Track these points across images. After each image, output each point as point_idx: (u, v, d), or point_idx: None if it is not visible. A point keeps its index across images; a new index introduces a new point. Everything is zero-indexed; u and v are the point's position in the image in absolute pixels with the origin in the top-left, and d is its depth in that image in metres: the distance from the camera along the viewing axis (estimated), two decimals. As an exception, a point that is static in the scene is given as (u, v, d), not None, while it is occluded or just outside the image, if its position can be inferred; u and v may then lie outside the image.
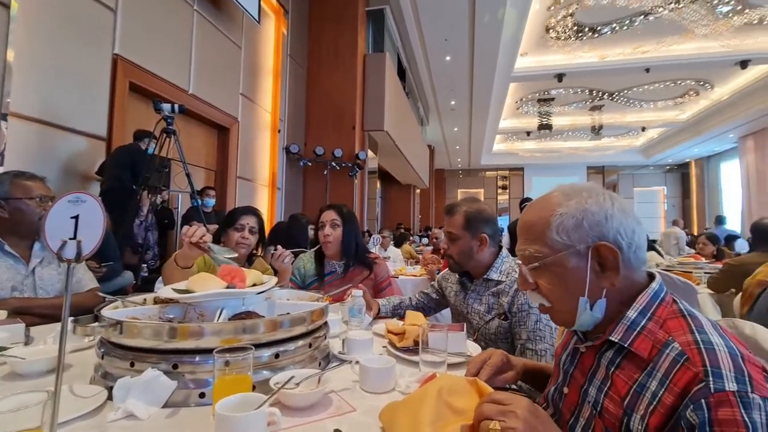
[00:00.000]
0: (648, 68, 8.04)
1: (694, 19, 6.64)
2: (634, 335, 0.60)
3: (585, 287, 0.64)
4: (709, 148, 13.20)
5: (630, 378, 0.59)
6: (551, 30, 7.21)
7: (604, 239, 0.63)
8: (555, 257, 0.65)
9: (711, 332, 0.56)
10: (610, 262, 0.63)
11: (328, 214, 1.81)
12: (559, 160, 15.69)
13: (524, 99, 10.39)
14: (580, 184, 0.69)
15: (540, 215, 0.68)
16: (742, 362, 0.51)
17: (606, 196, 0.67)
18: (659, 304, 0.62)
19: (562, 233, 0.64)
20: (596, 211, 0.64)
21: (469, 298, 1.30)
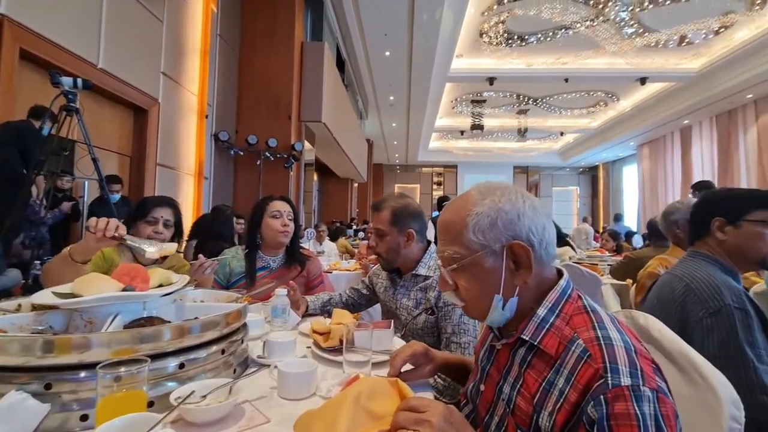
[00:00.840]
0: (567, 78, 8.79)
1: (606, 37, 7.39)
2: (543, 333, 0.62)
3: (500, 286, 0.64)
4: (614, 153, 14.90)
5: (539, 375, 0.60)
6: (484, 35, 7.56)
7: (517, 238, 0.64)
8: (472, 258, 0.65)
9: (610, 327, 0.58)
10: (523, 261, 0.64)
11: (284, 205, 1.75)
12: (489, 159, 16.64)
13: (459, 99, 10.81)
14: (495, 183, 0.70)
15: (457, 215, 0.67)
16: (636, 356, 0.54)
17: (518, 194, 0.68)
18: (566, 301, 0.64)
19: (478, 233, 0.65)
20: (509, 209, 0.65)
21: (398, 294, 1.30)
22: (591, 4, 6.45)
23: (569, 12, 6.67)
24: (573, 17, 6.80)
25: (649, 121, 11.00)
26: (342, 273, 2.98)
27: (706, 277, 1.00)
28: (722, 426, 0.58)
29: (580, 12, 6.65)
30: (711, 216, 1.10)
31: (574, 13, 6.68)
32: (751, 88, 8.53)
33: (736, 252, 1.07)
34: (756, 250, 1.07)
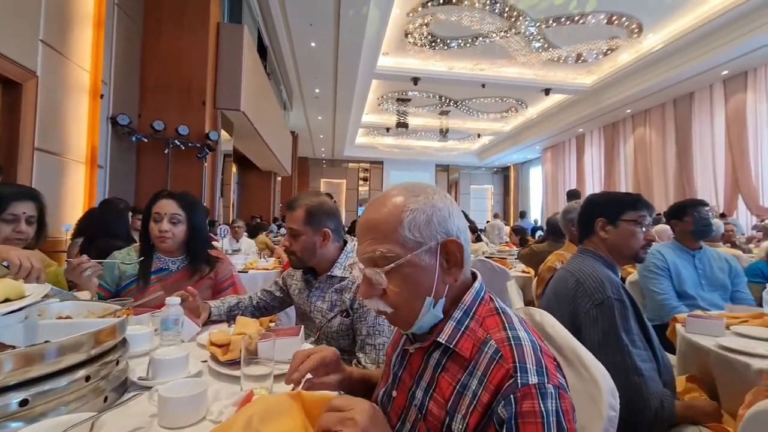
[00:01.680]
0: (484, 84, 9.39)
1: (517, 48, 8.03)
2: (459, 335, 0.61)
3: (433, 286, 0.63)
4: (523, 155, 16.38)
5: (453, 378, 0.59)
6: (409, 35, 7.73)
7: (450, 235, 0.64)
8: (410, 256, 0.61)
9: (518, 327, 0.60)
10: (456, 258, 0.63)
11: (166, 205, 1.47)
12: (413, 157, 17.19)
13: (385, 96, 10.95)
14: (418, 183, 0.68)
15: (389, 212, 0.64)
16: (541, 354, 0.56)
17: (444, 193, 0.68)
18: (480, 303, 0.65)
19: (414, 230, 0.62)
20: (442, 207, 0.65)
21: (313, 296, 1.24)
22: (505, 17, 6.95)
23: (486, 21, 7.11)
24: (489, 27, 7.26)
25: (551, 128, 12.27)
26: (259, 272, 2.80)
27: (592, 272, 1.12)
28: (602, 414, 0.64)
29: (496, 23, 7.13)
30: (595, 217, 1.23)
31: (491, 23, 7.14)
32: (629, 105, 9.97)
33: (615, 248, 1.21)
34: (629, 247, 1.22)
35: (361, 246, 0.66)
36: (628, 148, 11.10)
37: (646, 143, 10.39)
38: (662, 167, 9.98)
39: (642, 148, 10.52)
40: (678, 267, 2.09)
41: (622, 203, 1.25)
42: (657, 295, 2.06)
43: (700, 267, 2.08)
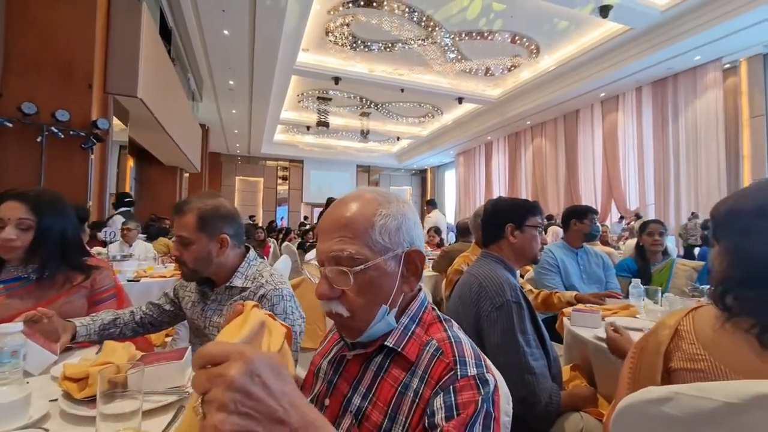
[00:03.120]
0: (403, 89, 9.68)
1: (433, 57, 8.42)
2: (406, 340, 0.62)
3: (392, 293, 0.63)
4: (439, 159, 17.28)
5: (396, 381, 0.60)
6: (330, 34, 7.63)
7: (414, 244, 0.64)
8: (377, 261, 0.60)
9: (458, 331, 0.64)
10: (415, 268, 0.64)
11: (12, 209, 1.18)
12: (334, 157, 17.06)
13: (305, 94, 10.68)
14: (385, 191, 0.68)
15: (361, 213, 0.62)
16: (479, 353, 0.61)
17: (410, 204, 0.68)
18: (424, 311, 0.67)
19: (384, 235, 0.62)
20: (411, 216, 0.65)
21: (209, 310, 1.11)
22: (422, 26, 7.23)
23: (405, 28, 7.32)
24: (408, 34, 7.50)
25: (464, 134, 13.13)
26: (155, 281, 2.48)
27: (494, 276, 1.18)
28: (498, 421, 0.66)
29: (414, 30, 7.38)
30: (505, 222, 1.31)
31: (409, 30, 7.38)
32: (529, 117, 11.10)
33: (521, 252, 1.31)
34: (532, 250, 1.33)
35: (327, 243, 0.62)
36: (528, 156, 12.36)
37: (542, 152, 11.67)
38: (555, 174, 11.30)
39: (539, 156, 11.80)
40: (565, 264, 2.35)
41: (526, 209, 1.35)
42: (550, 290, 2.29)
43: (582, 263, 2.37)
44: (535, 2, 6.21)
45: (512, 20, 7.00)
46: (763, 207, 0.67)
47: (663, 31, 6.83)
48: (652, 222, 2.45)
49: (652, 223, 2.44)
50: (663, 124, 8.48)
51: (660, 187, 8.57)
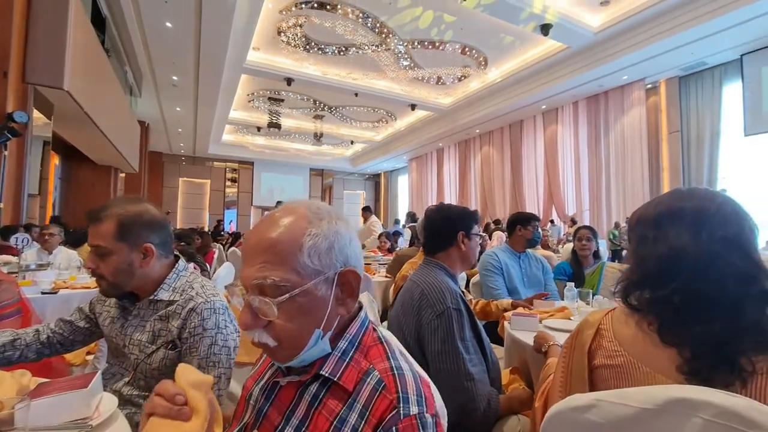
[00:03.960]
0: (357, 93, 9.68)
1: (387, 63, 8.51)
2: (344, 367, 0.57)
3: (324, 318, 0.58)
4: (392, 164, 17.48)
5: (331, 414, 0.55)
6: (282, 33, 7.45)
7: (348, 263, 0.60)
8: (306, 286, 0.55)
9: (399, 357, 0.59)
10: (351, 288, 0.60)
11: None
12: (287, 160, 16.66)
13: (256, 94, 10.34)
14: (319, 205, 0.62)
15: (288, 234, 0.56)
16: (420, 384, 0.56)
17: (345, 219, 0.63)
18: (364, 332, 0.62)
19: (314, 257, 0.56)
20: (344, 234, 0.60)
21: (129, 326, 1.00)
22: (376, 32, 7.28)
23: (359, 33, 7.33)
24: (362, 39, 7.52)
25: (416, 140, 13.39)
26: (76, 292, 2.23)
27: (436, 283, 1.19)
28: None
29: (368, 36, 7.42)
30: (457, 230, 1.33)
31: (363, 35, 7.40)
32: (478, 126, 11.57)
33: (466, 258, 1.34)
34: (475, 256, 1.38)
35: (250, 269, 0.56)
36: (477, 163, 12.86)
37: (490, 159, 12.20)
38: (501, 180, 11.86)
39: (487, 163, 12.32)
40: (508, 267, 2.45)
41: (472, 218, 1.40)
42: (493, 291, 2.37)
43: (524, 267, 2.49)
44: (483, 17, 6.49)
45: (462, 32, 7.26)
46: (659, 216, 0.72)
47: (595, 51, 7.43)
48: (582, 228, 2.63)
49: (581, 229, 2.62)
50: (596, 136, 9.21)
51: (594, 194, 9.28)
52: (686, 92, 8.23)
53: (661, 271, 0.69)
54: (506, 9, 6.19)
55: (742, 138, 7.54)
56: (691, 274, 0.66)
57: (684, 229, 0.69)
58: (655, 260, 0.70)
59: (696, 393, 0.50)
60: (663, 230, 0.71)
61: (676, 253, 0.68)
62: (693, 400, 0.49)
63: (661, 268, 0.69)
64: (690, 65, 7.73)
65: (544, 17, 6.40)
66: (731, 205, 0.70)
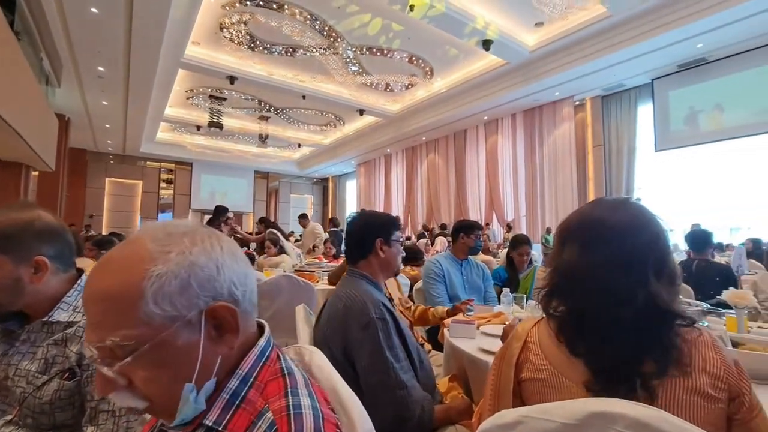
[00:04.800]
0: (304, 96, 9.49)
1: (335, 67, 8.45)
2: (232, 412, 0.49)
3: (196, 366, 0.48)
4: (341, 169, 17.37)
5: None
6: (225, 30, 7.11)
7: (219, 297, 0.50)
8: (159, 338, 0.46)
9: (302, 392, 0.53)
10: (229, 324, 0.51)
11: None
12: (229, 161, 15.89)
13: (196, 91, 9.76)
14: (174, 226, 0.52)
15: (123, 281, 0.47)
16: (322, 424, 0.50)
17: (213, 239, 0.53)
18: (264, 364, 0.54)
19: (163, 302, 0.47)
20: (206, 262, 0.50)
21: (16, 354, 0.85)
22: (325, 35, 7.20)
23: (307, 36, 7.21)
24: (310, 41, 7.39)
25: (364, 145, 13.43)
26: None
27: (357, 295, 1.16)
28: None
29: (316, 39, 7.31)
30: (375, 237, 1.30)
31: (311, 38, 7.28)
32: (424, 133, 11.86)
33: (387, 266, 1.32)
34: (396, 263, 1.37)
35: (87, 329, 0.48)
36: (423, 170, 13.17)
37: (436, 166, 12.56)
38: (446, 187, 12.25)
39: (433, 170, 12.67)
40: (450, 274, 2.50)
41: (392, 224, 1.38)
42: (434, 298, 2.41)
43: (465, 274, 2.55)
44: (430, 28, 6.68)
45: (410, 42, 7.41)
46: (563, 229, 0.74)
47: (531, 68, 7.97)
48: (523, 243, 2.75)
49: (523, 245, 2.74)
50: (532, 147, 9.85)
51: (530, 201, 9.89)
52: (608, 110, 9.09)
53: (562, 284, 0.70)
54: (451, 23, 6.43)
55: (653, 153, 8.47)
56: (581, 291, 0.67)
57: (578, 245, 0.70)
58: (558, 273, 0.72)
59: (612, 406, 0.51)
60: (564, 244, 0.73)
61: (570, 268, 0.69)
62: (609, 413, 0.50)
63: (561, 282, 0.71)
64: (610, 86, 8.56)
65: (485, 33, 6.73)
66: (631, 215, 0.69)
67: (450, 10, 6.14)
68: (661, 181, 8.68)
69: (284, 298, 2.38)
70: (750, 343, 1.15)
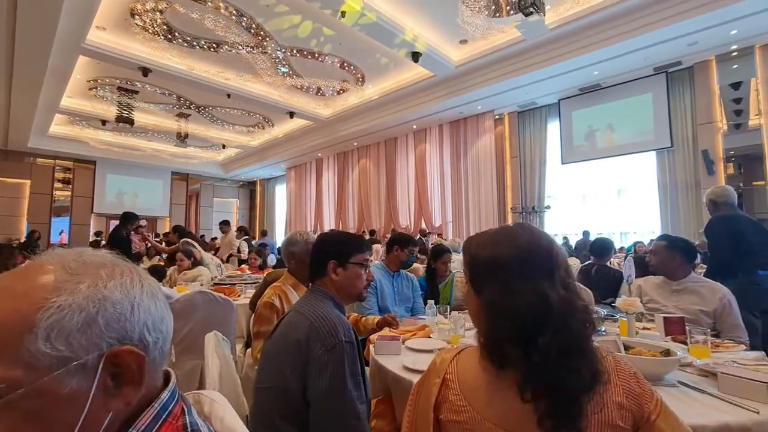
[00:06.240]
0: (229, 94, 8.97)
1: (264, 67, 8.12)
2: None
3: (77, 424, 0.40)
4: (269, 172, 16.72)
5: None
6: (138, 17, 6.46)
7: (127, 340, 0.44)
8: (39, 384, 0.38)
9: None
10: (131, 373, 0.44)
11: None
12: (142, 161, 14.41)
13: (101, 81, 8.70)
14: (95, 255, 0.45)
15: (12, 308, 0.39)
16: None
17: (135, 275, 0.46)
18: (165, 422, 0.47)
19: (57, 340, 0.39)
20: (119, 300, 0.44)
21: None
22: (252, 33, 6.89)
23: (232, 31, 6.83)
24: (236, 38, 7.01)
25: (295, 149, 13.10)
26: None
27: (325, 315, 1.10)
28: None
29: (242, 36, 6.96)
30: (328, 259, 1.25)
31: (237, 34, 6.91)
32: (356, 139, 11.91)
33: (343, 290, 1.25)
34: (356, 288, 1.27)
35: None
36: (354, 175, 13.20)
37: (367, 172, 12.68)
38: (377, 193, 12.42)
39: (364, 176, 12.76)
40: (383, 286, 2.52)
41: (352, 246, 1.29)
42: (365, 310, 2.40)
43: (397, 286, 2.59)
44: (361, 36, 6.74)
45: (341, 47, 7.40)
46: (521, 262, 0.69)
47: (456, 82, 8.44)
48: (444, 252, 2.85)
49: (444, 253, 2.84)
50: (457, 156, 10.41)
51: (456, 208, 10.43)
52: (523, 125, 9.96)
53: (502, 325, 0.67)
54: (381, 32, 6.56)
55: (560, 165, 9.46)
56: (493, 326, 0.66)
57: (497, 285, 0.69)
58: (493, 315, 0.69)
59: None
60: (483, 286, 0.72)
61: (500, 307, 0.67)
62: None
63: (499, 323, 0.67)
64: (525, 103, 9.40)
65: (414, 45, 6.98)
66: (528, 243, 0.69)
67: (381, 20, 6.26)
68: (568, 191, 9.75)
69: (199, 316, 2.18)
70: (638, 347, 1.31)
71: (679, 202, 7.83)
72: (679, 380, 1.20)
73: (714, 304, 1.93)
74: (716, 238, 2.62)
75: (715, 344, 1.52)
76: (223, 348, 1.21)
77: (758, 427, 0.94)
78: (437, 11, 6.40)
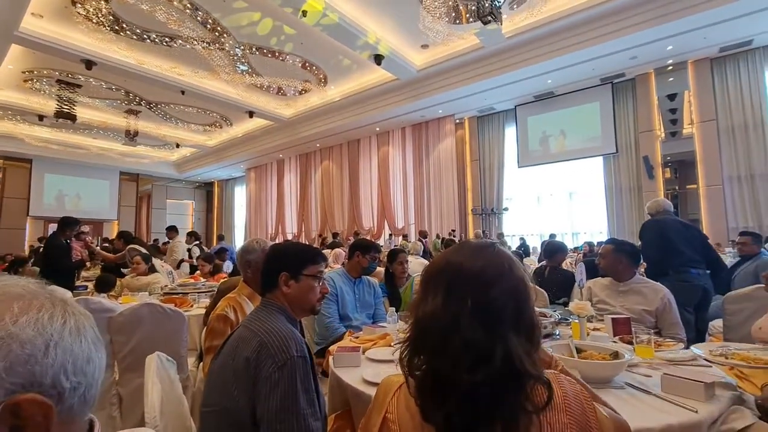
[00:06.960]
0: (183, 91, 8.55)
1: (221, 64, 7.80)
2: None
3: None
4: (228, 173, 16.11)
5: None
6: (79, 5, 5.99)
7: (35, 386, 0.37)
8: None
9: None
10: (36, 426, 0.36)
11: None
12: (86, 160, 13.39)
13: (38, 73, 8.00)
14: (13, 285, 0.39)
15: None
16: None
17: (57, 310, 0.40)
18: None
19: None
20: (30, 338, 0.37)
21: None
22: (208, 29, 6.59)
23: (187, 26, 6.50)
24: (190, 33, 6.68)
25: (255, 149, 12.71)
26: None
27: (277, 330, 1.04)
28: None
29: (198, 30, 6.64)
30: (279, 270, 1.18)
31: (192, 29, 6.59)
32: (319, 140, 11.74)
33: (296, 302, 1.19)
34: (308, 301, 1.22)
35: None
36: (317, 177, 13.02)
37: (330, 174, 12.54)
38: (340, 194, 12.31)
39: (327, 177, 12.61)
40: (344, 293, 2.47)
41: (305, 257, 1.24)
42: (325, 319, 2.34)
43: (358, 293, 2.55)
44: (323, 36, 6.64)
45: (303, 47, 7.26)
46: (431, 276, 0.68)
47: (418, 86, 8.54)
48: (398, 252, 2.84)
49: (399, 253, 2.82)
50: (419, 159, 10.54)
51: (418, 209, 10.55)
52: (482, 129, 10.26)
53: (423, 338, 0.63)
54: (344, 34, 6.50)
55: (517, 169, 9.83)
56: (443, 346, 0.61)
57: (442, 292, 0.65)
58: (420, 324, 0.65)
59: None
60: (426, 291, 0.68)
61: (434, 318, 0.63)
62: None
63: (422, 335, 0.64)
64: (484, 108, 9.69)
65: (377, 48, 6.98)
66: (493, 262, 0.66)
67: (343, 21, 6.20)
68: (524, 193, 10.15)
69: (146, 330, 2.02)
70: (590, 350, 1.36)
71: (624, 204, 8.38)
72: (627, 381, 1.25)
73: (656, 304, 2.06)
74: (646, 240, 2.94)
75: (657, 343, 1.62)
76: (167, 369, 1.12)
77: (697, 425, 1.00)
78: (400, 15, 6.45)
